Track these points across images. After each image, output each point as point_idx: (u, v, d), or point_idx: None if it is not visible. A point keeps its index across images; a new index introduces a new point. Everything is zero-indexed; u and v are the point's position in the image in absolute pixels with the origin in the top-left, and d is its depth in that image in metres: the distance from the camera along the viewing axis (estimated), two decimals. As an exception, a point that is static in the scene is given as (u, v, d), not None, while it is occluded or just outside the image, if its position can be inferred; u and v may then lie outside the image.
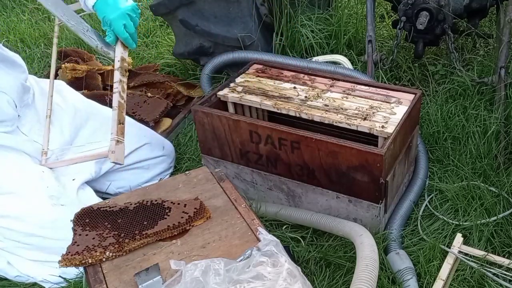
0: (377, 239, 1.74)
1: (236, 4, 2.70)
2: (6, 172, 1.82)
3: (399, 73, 2.84)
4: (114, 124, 1.79)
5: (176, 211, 1.51)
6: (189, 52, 2.92)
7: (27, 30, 3.84)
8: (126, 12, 1.84)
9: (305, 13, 2.94)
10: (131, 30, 1.86)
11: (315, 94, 2.04)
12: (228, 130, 1.96)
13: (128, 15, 1.84)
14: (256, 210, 1.95)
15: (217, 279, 1.20)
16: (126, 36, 1.85)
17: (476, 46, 3.04)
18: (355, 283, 1.39)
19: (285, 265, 1.23)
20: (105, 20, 1.82)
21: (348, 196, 1.84)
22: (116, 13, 1.82)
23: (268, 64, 2.33)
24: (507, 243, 1.83)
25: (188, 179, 1.71)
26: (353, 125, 1.85)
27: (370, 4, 2.68)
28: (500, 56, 2.38)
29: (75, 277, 1.79)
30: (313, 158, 1.82)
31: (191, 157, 2.44)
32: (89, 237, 1.44)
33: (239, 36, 2.73)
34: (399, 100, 1.96)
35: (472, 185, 2.04)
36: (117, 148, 1.76)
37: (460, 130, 2.30)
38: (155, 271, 1.30)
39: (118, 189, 2.18)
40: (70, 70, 2.73)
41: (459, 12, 2.58)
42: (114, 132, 1.77)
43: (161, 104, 2.62)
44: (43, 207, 1.79)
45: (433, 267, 1.74)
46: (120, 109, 1.81)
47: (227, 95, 2.09)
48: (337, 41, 2.95)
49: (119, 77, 1.84)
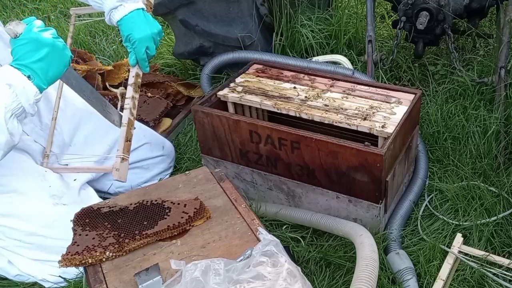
0: (377, 239, 1.74)
1: (236, 4, 2.70)
2: (9, 171, 1.82)
3: (399, 73, 2.84)
4: (122, 141, 1.76)
5: (176, 211, 1.51)
6: (189, 52, 2.91)
7: (27, 30, 3.84)
8: (153, 35, 1.79)
9: (305, 13, 2.94)
10: (152, 53, 1.81)
11: (315, 94, 2.04)
12: (228, 130, 1.96)
13: (153, 38, 1.79)
14: (256, 210, 1.95)
15: (217, 279, 1.20)
16: (145, 58, 1.79)
17: (476, 46, 3.03)
18: (355, 283, 1.39)
19: (285, 265, 1.23)
20: (129, 38, 1.76)
21: (348, 196, 1.84)
22: (143, 34, 1.76)
23: (268, 64, 2.33)
24: (507, 243, 1.83)
25: (188, 179, 1.71)
26: (353, 125, 1.85)
27: (370, 4, 2.68)
28: (500, 56, 2.37)
29: (75, 277, 1.79)
30: (313, 158, 1.82)
31: (191, 157, 2.44)
32: (89, 237, 1.44)
33: (239, 36, 2.73)
34: (399, 100, 1.96)
35: (472, 185, 2.04)
36: (122, 166, 1.74)
37: (460, 130, 2.30)
38: (155, 271, 1.30)
39: (118, 189, 2.18)
40: (70, 70, 2.73)
41: (459, 12, 2.58)
42: (121, 150, 1.75)
43: (161, 104, 2.62)
44: (45, 207, 1.80)
45: (433, 267, 1.74)
46: (129, 126, 1.78)
47: (227, 95, 2.09)
48: (337, 41, 2.95)
49: (132, 93, 1.80)
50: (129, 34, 1.77)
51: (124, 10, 1.78)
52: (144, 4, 1.84)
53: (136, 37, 1.76)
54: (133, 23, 1.78)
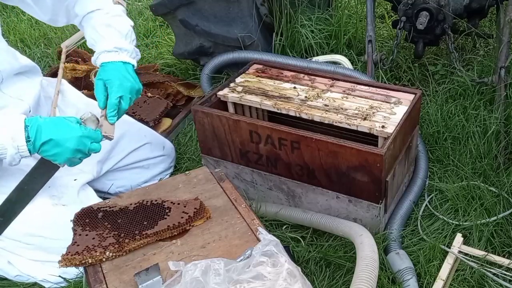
0: (377, 239, 1.74)
1: (236, 4, 2.70)
2: (7, 172, 1.82)
3: (399, 73, 2.84)
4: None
5: (176, 211, 1.51)
6: (189, 52, 2.92)
7: (27, 30, 3.84)
8: (133, 89, 1.76)
9: (305, 13, 2.94)
10: (124, 107, 1.75)
11: (315, 94, 2.04)
12: (228, 130, 1.96)
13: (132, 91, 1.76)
14: (256, 210, 1.95)
15: (217, 279, 1.20)
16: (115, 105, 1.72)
17: (476, 46, 3.04)
18: (355, 283, 1.39)
19: (285, 265, 1.23)
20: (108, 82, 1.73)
21: (348, 196, 1.84)
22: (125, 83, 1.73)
23: (268, 64, 2.33)
24: (507, 243, 1.83)
25: (188, 179, 1.71)
26: (353, 125, 1.85)
27: (370, 4, 2.68)
28: (500, 56, 2.37)
29: (75, 277, 1.79)
30: (313, 158, 1.82)
31: (191, 157, 2.44)
32: (89, 237, 1.44)
33: (239, 36, 2.73)
34: (399, 100, 1.96)
35: (472, 185, 2.04)
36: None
37: (460, 130, 2.30)
38: (155, 271, 1.30)
39: (118, 188, 2.18)
40: (70, 70, 2.73)
41: (459, 12, 2.58)
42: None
43: (161, 104, 2.62)
44: (44, 207, 1.79)
45: (433, 267, 1.74)
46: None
47: (227, 95, 2.09)
48: (337, 41, 2.95)
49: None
50: (109, 79, 1.73)
51: (117, 57, 1.78)
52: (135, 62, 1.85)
53: (116, 83, 1.72)
54: (118, 71, 1.76)
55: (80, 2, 1.87)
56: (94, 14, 1.85)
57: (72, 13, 1.91)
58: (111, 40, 1.80)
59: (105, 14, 1.84)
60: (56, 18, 1.95)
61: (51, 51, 3.51)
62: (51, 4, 1.88)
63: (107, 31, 1.82)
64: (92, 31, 1.84)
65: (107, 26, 1.82)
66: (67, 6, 1.90)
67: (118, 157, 2.16)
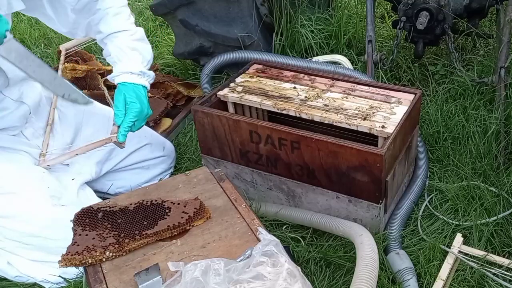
0: (377, 239, 1.74)
1: (236, 4, 2.70)
2: (7, 172, 1.82)
3: (399, 73, 2.84)
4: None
5: (176, 211, 1.51)
6: (189, 52, 2.92)
7: (27, 30, 3.84)
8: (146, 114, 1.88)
9: (305, 13, 2.94)
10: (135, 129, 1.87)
11: (315, 94, 2.04)
12: (228, 130, 1.96)
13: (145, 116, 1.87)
14: (256, 210, 1.95)
15: (217, 279, 1.20)
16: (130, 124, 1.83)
17: (476, 46, 3.04)
18: (355, 283, 1.39)
19: (285, 265, 1.23)
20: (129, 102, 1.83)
21: (348, 196, 1.84)
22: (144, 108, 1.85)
23: (268, 64, 2.33)
24: (507, 243, 1.83)
25: (188, 179, 1.71)
26: (353, 125, 1.85)
27: (370, 4, 2.68)
28: (500, 56, 2.37)
29: (75, 277, 1.79)
30: (313, 158, 1.82)
31: (191, 157, 2.44)
32: (89, 237, 1.44)
33: (239, 36, 2.73)
34: (399, 100, 1.96)
35: (472, 185, 2.04)
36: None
37: (460, 130, 2.30)
38: (155, 271, 1.30)
39: (118, 189, 2.18)
40: (70, 70, 2.73)
41: (459, 12, 2.59)
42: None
43: (161, 104, 2.62)
44: (43, 208, 1.79)
45: (433, 267, 1.74)
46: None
47: (227, 95, 2.09)
48: (337, 41, 2.95)
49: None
50: (132, 101, 1.83)
51: (139, 80, 1.89)
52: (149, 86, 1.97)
53: (137, 107, 1.83)
54: (140, 94, 1.86)
55: (106, 21, 1.91)
56: (119, 34, 1.92)
57: (94, 29, 1.95)
58: (136, 64, 1.90)
59: (130, 36, 1.93)
60: (76, 32, 1.99)
61: (51, 51, 3.51)
62: (73, 19, 1.91)
63: (133, 54, 1.92)
64: (117, 50, 1.91)
65: (132, 49, 1.92)
66: (90, 22, 1.93)
67: (118, 158, 2.17)
